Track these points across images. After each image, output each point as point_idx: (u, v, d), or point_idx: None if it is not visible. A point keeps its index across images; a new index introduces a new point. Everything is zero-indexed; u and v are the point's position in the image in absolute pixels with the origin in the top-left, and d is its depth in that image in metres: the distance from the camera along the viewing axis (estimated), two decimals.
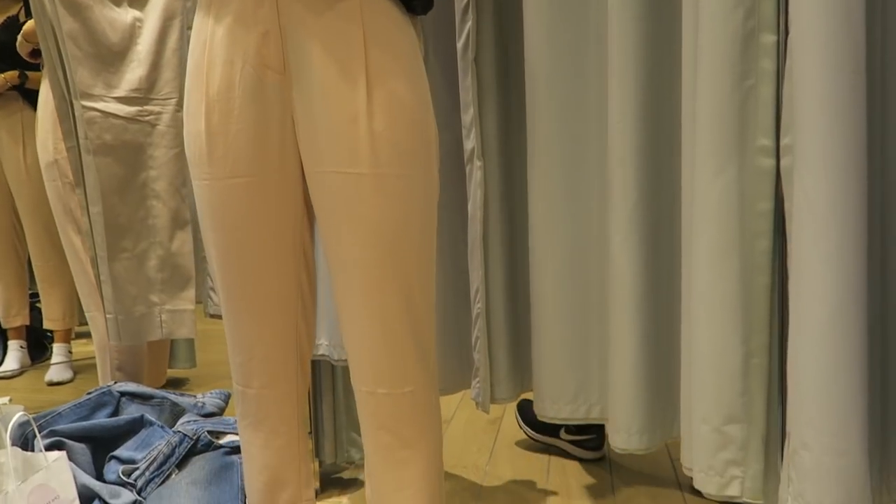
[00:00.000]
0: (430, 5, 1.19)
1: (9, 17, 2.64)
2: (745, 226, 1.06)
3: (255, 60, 1.13)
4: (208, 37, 1.16)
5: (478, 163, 1.42)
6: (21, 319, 3.02)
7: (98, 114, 1.83)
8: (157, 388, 1.88)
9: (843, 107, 0.95)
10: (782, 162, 1.02)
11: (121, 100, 1.88)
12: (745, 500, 1.10)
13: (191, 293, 1.95)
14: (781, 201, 1.04)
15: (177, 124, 1.95)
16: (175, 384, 2.56)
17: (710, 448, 1.10)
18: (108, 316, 1.89)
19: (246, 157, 1.17)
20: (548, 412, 1.38)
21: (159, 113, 1.93)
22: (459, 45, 1.42)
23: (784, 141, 1.01)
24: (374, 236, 1.14)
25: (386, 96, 1.10)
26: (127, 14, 1.90)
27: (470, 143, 1.43)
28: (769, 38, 1.03)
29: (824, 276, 0.95)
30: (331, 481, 1.76)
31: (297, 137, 1.17)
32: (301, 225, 1.26)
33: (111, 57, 1.87)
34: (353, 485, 1.74)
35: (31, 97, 2.47)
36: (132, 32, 1.91)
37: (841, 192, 0.95)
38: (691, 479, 1.16)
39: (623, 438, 1.25)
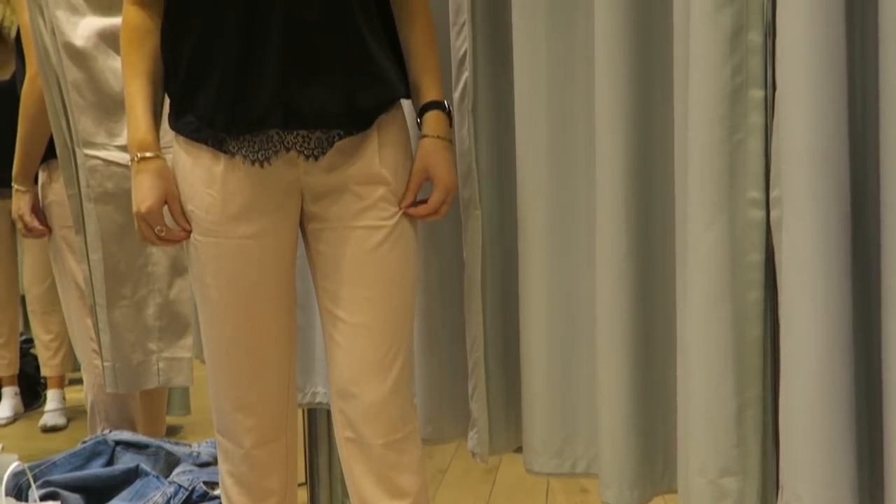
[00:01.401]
0: None
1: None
2: (737, 277, 1.07)
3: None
4: (219, 175, 1.23)
5: (475, 211, 1.44)
6: (13, 368, 3.02)
7: (100, 162, 1.86)
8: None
9: (828, 160, 0.97)
10: (772, 214, 1.04)
11: (122, 148, 1.90)
12: None
13: (188, 341, 1.96)
14: (772, 253, 1.05)
15: None
16: (170, 432, 2.55)
17: (706, 501, 1.09)
18: (105, 364, 1.89)
19: (262, 217, 1.21)
20: (534, 466, 1.36)
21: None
22: (456, 95, 1.45)
23: (773, 194, 1.03)
24: (381, 280, 1.24)
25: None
26: None
27: (467, 191, 1.45)
28: (757, 94, 1.05)
29: (813, 327, 0.96)
30: None
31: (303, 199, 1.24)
32: (294, 274, 1.30)
33: (113, 106, 1.90)
34: None
35: None
36: None
37: (827, 244, 0.96)
38: None
39: (615, 494, 1.24)
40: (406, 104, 1.36)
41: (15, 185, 2.10)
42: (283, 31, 1.18)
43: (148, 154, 1.22)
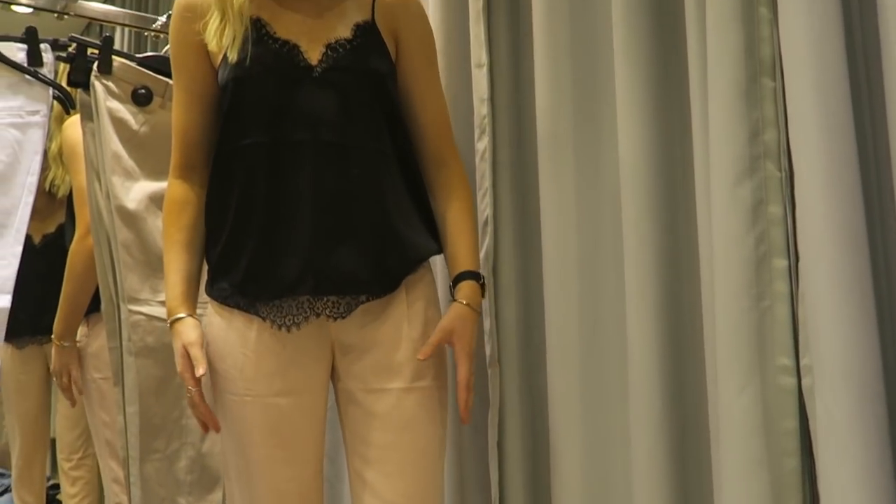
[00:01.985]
0: None
1: (60, 225, 2.77)
2: (772, 444, 1.06)
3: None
4: (249, 342, 1.29)
5: (496, 369, 1.47)
6: None
7: (143, 317, 1.92)
8: None
9: (856, 329, 0.98)
10: (803, 381, 1.04)
11: (165, 303, 1.97)
12: None
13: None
14: (807, 420, 1.05)
15: None
16: None
17: None
18: None
19: (294, 375, 1.25)
20: None
21: (200, 316, 2.01)
22: (480, 256, 1.51)
23: (803, 361, 1.04)
24: (409, 447, 1.26)
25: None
26: None
27: (489, 348, 1.48)
28: (781, 263, 1.09)
29: (854, 497, 0.94)
30: None
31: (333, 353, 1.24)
32: (325, 427, 1.32)
33: (159, 263, 1.97)
34: None
35: None
36: None
37: (862, 412, 0.96)
38: None
39: None
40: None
41: (58, 341, 2.15)
42: (311, 202, 1.25)
43: (177, 317, 1.29)
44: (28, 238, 2.38)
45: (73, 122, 2.04)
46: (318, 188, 1.25)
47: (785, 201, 1.09)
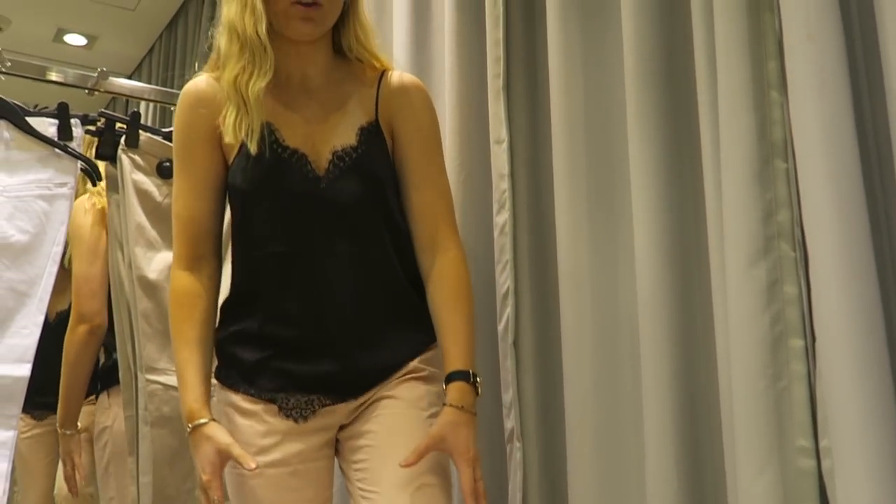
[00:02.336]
0: None
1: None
2: None
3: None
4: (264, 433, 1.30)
5: (517, 444, 1.45)
6: None
7: (160, 387, 1.93)
8: None
9: (875, 411, 0.98)
10: (823, 464, 1.03)
11: None
12: None
13: None
14: (828, 502, 1.03)
15: None
16: None
17: None
18: None
19: (300, 447, 1.26)
20: None
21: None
22: (500, 328, 1.52)
23: (822, 443, 1.03)
24: None
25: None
26: None
27: (510, 422, 1.47)
28: (797, 343, 1.09)
29: None
30: None
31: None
32: (331, 493, 1.34)
33: None
34: None
35: None
36: None
37: (885, 497, 0.95)
38: None
39: None
40: None
41: (61, 429, 2.13)
42: (325, 308, 1.28)
43: (200, 422, 1.25)
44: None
45: (79, 206, 2.07)
46: (328, 295, 1.28)
47: (800, 281, 1.10)
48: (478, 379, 1.28)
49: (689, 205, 1.27)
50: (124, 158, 1.95)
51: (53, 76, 2.14)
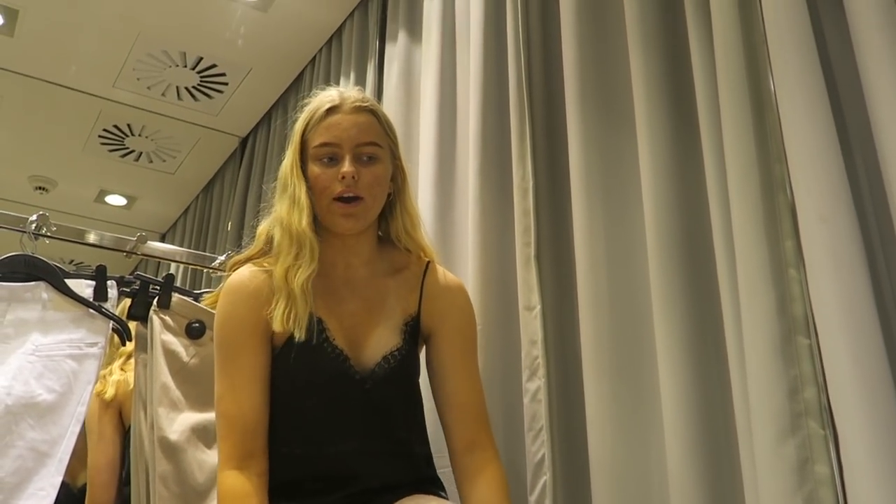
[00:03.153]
0: None
1: None
2: None
3: None
4: None
5: None
6: None
7: None
8: None
9: None
10: None
11: None
12: None
13: None
14: None
15: None
16: None
17: None
18: None
19: None
20: None
21: None
22: (532, 499, 1.47)
23: None
24: None
25: None
26: (216, 456, 2.04)
27: None
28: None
29: None
30: None
31: None
32: None
33: (194, 496, 1.96)
34: None
35: None
36: (217, 473, 2.02)
37: None
38: None
39: None
40: None
41: None
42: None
43: None
44: (65, 485, 2.39)
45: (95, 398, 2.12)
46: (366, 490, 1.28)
47: (832, 460, 1.08)
48: None
49: (714, 380, 1.27)
50: (155, 319, 1.99)
51: (92, 239, 2.23)
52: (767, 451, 1.08)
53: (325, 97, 1.41)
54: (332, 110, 1.37)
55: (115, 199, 4.50)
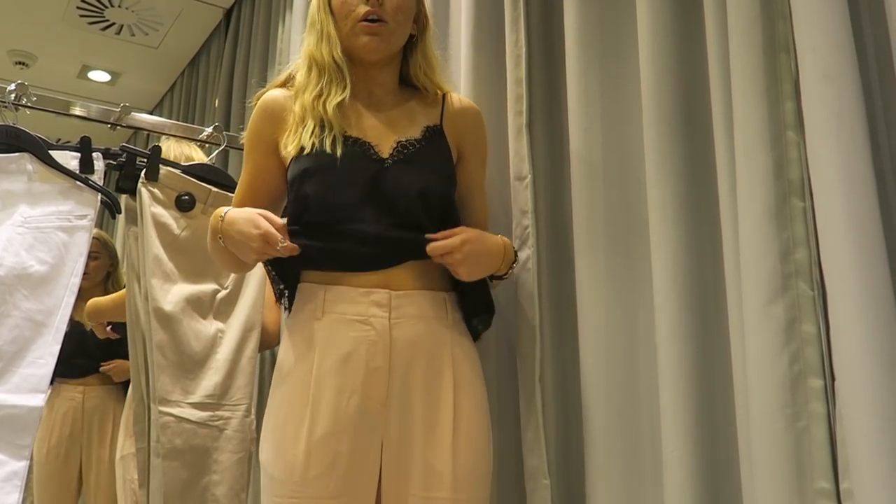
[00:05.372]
0: (487, 328, 1.45)
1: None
2: None
3: (362, 392, 1.26)
4: (315, 364, 1.30)
5: (543, 481, 1.43)
6: None
7: (172, 419, 1.93)
8: None
9: None
10: None
11: (195, 405, 1.98)
12: None
13: None
14: None
15: (243, 429, 2.02)
16: None
17: None
18: None
19: (343, 479, 1.24)
20: None
21: (229, 418, 2.02)
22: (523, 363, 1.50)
23: (843, 485, 1.02)
24: None
25: (466, 437, 1.29)
26: (211, 326, 2.07)
27: (533, 460, 1.45)
28: (816, 383, 1.08)
29: None
30: None
31: (382, 461, 1.28)
32: None
33: (192, 364, 2.01)
34: None
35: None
36: (213, 342, 2.06)
37: None
38: None
39: None
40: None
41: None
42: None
43: (223, 211, 1.40)
44: (78, 325, 2.49)
45: None
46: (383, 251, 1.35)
47: (819, 320, 1.09)
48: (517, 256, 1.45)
49: (706, 243, 1.27)
50: (144, 191, 1.97)
51: (77, 111, 2.18)
52: (757, 311, 1.09)
53: None
54: None
55: (99, 76, 4.38)
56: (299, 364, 1.31)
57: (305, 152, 1.35)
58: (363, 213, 1.33)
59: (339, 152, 1.34)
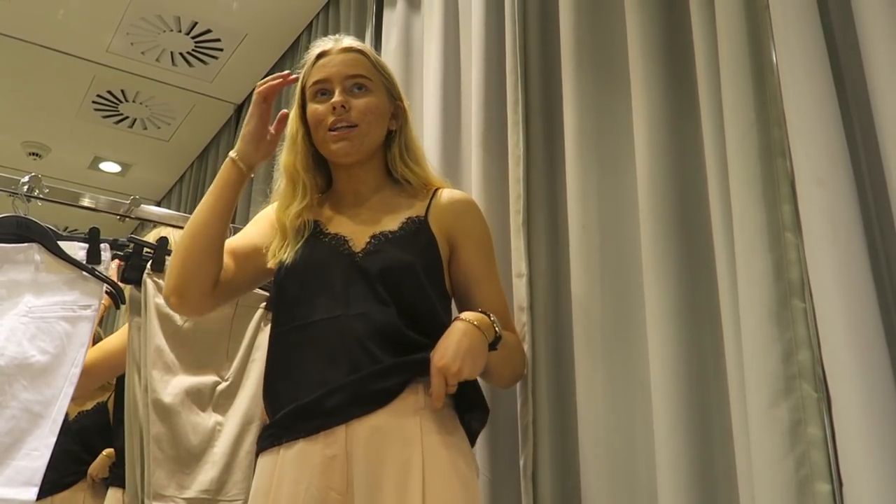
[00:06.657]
0: (483, 424, 1.39)
1: (98, 403, 2.81)
2: None
3: (321, 482, 1.22)
4: (278, 459, 1.28)
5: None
6: None
7: None
8: None
9: None
10: None
11: (190, 501, 1.93)
12: None
13: None
14: None
15: None
16: None
17: None
18: None
19: None
20: None
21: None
22: (521, 462, 1.48)
23: None
24: None
25: None
26: (210, 418, 2.04)
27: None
28: (824, 488, 1.06)
29: None
30: None
31: None
32: None
33: (188, 458, 1.97)
34: None
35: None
36: (212, 435, 2.03)
37: None
38: None
39: None
40: None
41: None
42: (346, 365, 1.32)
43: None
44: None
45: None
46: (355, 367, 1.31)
47: (825, 423, 1.08)
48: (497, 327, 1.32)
49: (706, 342, 1.27)
50: (149, 282, 1.99)
51: (86, 202, 2.21)
52: (760, 413, 1.09)
53: (318, 44, 1.52)
54: (322, 54, 1.48)
55: (110, 167, 4.48)
56: (267, 457, 1.32)
57: (284, 264, 1.41)
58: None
59: (300, 256, 1.40)
